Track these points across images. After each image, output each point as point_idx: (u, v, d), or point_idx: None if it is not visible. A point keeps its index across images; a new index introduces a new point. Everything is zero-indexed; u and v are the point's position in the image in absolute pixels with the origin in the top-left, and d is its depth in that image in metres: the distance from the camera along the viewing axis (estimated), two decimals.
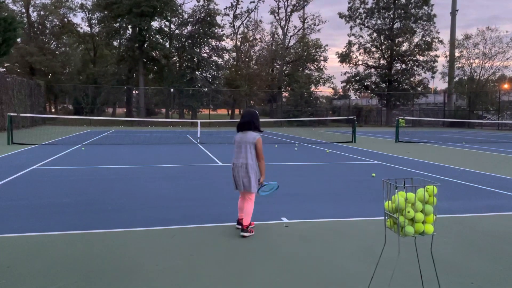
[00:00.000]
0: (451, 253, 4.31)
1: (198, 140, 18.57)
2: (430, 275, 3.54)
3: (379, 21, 44.05)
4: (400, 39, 43.13)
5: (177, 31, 41.68)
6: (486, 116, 40.15)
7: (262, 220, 5.44)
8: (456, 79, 44.16)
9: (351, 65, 45.65)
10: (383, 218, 3.68)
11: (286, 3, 47.11)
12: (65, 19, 45.16)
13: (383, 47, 43.99)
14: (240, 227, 4.98)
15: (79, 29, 46.82)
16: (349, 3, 44.42)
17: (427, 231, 3.02)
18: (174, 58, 42.01)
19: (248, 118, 4.94)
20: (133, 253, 4.22)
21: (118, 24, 39.26)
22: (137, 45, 37.59)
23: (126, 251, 4.26)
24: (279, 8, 47.55)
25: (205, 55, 41.33)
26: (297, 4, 46.88)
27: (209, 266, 3.91)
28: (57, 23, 45.26)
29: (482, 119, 38.66)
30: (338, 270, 3.86)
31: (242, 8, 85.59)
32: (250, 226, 4.90)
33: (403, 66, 44.40)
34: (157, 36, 40.04)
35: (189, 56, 39.49)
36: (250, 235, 4.82)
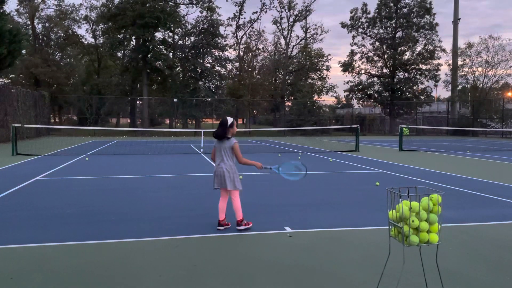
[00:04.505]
0: (457, 263, 4.27)
1: (202, 150, 18.59)
2: (436, 285, 3.50)
3: (381, 30, 44.24)
4: (402, 48, 43.24)
5: (180, 42, 41.97)
6: (490, 124, 40.02)
7: (266, 230, 5.42)
8: (459, 87, 44.13)
9: (353, 74, 45.76)
10: (388, 227, 3.66)
11: (288, 13, 47.41)
12: (70, 31, 45.63)
13: (386, 56, 44.09)
14: (221, 228, 5.37)
15: (83, 40, 47.29)
16: (351, 12, 44.70)
17: (431, 240, 3.00)
18: (178, 69, 42.23)
19: (219, 129, 5.41)
20: (137, 263, 4.21)
21: (122, 35, 39.60)
22: (140, 56, 37.86)
23: (129, 262, 4.25)
24: (281, 18, 47.86)
25: (208, 65, 41.55)
26: (299, 14, 47.17)
27: (212, 276, 3.89)
28: (62, 34, 45.74)
29: (486, 127, 38.53)
30: (343, 280, 3.83)
31: (245, 18, 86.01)
32: (244, 222, 5.42)
33: (406, 74, 44.45)
34: (160, 47, 40.32)
35: (193, 67, 39.70)
36: (246, 227, 5.37)
